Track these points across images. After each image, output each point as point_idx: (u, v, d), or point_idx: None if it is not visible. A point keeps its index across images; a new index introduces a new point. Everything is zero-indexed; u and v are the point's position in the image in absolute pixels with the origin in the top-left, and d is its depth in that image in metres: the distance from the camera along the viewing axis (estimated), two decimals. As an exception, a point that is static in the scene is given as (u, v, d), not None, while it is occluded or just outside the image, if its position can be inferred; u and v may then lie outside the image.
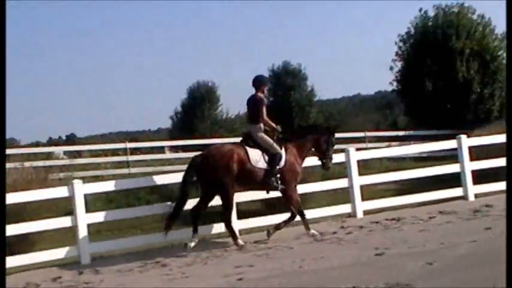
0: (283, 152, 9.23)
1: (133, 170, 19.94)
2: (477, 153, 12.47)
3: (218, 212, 9.22)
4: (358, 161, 11.01)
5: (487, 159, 11.93)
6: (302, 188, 10.05)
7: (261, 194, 9.78)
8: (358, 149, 11.76)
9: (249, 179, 9.03)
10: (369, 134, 25.92)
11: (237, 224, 9.60)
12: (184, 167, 9.40)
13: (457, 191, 11.54)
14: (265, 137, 9.26)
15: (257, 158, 9.05)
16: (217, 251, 8.76)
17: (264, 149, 9.15)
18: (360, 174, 10.94)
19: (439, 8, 29.78)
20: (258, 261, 7.88)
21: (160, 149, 24.82)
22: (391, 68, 30.34)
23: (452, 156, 13.11)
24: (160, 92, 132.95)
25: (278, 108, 38.67)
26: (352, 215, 10.72)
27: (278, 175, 9.13)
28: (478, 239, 7.62)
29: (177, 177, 9.36)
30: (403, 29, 30.38)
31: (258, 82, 9.53)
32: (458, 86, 27.63)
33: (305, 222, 9.37)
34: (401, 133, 27.04)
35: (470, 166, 11.66)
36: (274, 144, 9.19)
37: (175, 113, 40.53)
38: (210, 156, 8.99)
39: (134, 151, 22.49)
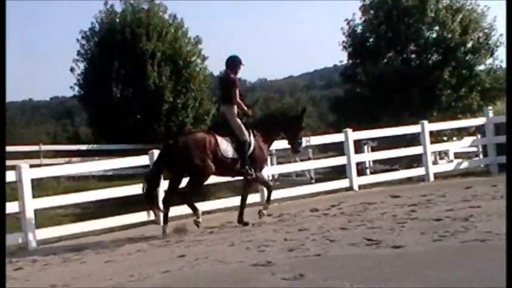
0: (252, 138, 10.82)
1: None
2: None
3: None
4: (32, 180, 10.71)
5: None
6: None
7: None
8: (31, 166, 11.41)
9: (219, 167, 10.60)
10: (44, 147, 25.37)
11: None
12: None
13: (142, 215, 11.94)
14: (238, 121, 10.77)
15: (227, 147, 10.61)
16: None
17: (233, 135, 10.68)
18: (34, 196, 10.69)
19: (127, 2, 30.60)
20: None
21: None
22: (72, 70, 30.25)
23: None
24: None
25: None
26: (23, 246, 10.40)
27: (249, 161, 10.76)
28: (171, 269, 7.97)
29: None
30: (88, 23, 30.50)
31: (231, 62, 11.00)
32: (150, 94, 28.72)
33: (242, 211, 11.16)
34: (83, 147, 27.06)
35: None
36: (244, 130, 10.73)
37: None
38: (183, 142, 10.38)
39: None
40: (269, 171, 15.70)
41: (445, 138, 22.35)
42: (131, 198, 12.13)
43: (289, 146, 11.78)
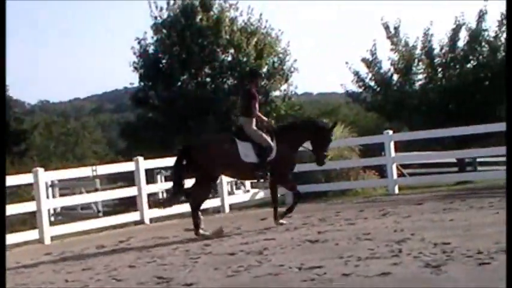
0: (274, 143, 11.78)
1: None
2: None
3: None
4: None
5: None
6: None
7: None
8: None
9: (237, 170, 12.05)
10: None
11: None
12: None
13: None
14: (257, 130, 11.81)
15: (246, 151, 11.60)
16: None
17: (254, 141, 11.67)
18: None
19: None
20: None
21: None
22: None
23: None
24: None
25: None
26: None
27: (268, 166, 11.81)
28: None
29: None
30: None
31: (251, 76, 12.86)
32: None
33: (276, 210, 12.44)
34: None
35: None
36: (265, 137, 11.76)
37: None
38: (200, 147, 11.97)
39: None
40: (50, 204, 15.25)
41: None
42: None
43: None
